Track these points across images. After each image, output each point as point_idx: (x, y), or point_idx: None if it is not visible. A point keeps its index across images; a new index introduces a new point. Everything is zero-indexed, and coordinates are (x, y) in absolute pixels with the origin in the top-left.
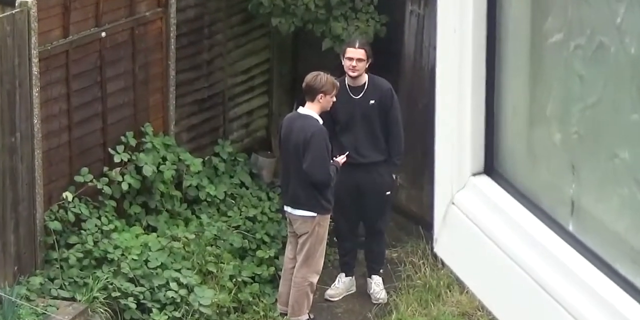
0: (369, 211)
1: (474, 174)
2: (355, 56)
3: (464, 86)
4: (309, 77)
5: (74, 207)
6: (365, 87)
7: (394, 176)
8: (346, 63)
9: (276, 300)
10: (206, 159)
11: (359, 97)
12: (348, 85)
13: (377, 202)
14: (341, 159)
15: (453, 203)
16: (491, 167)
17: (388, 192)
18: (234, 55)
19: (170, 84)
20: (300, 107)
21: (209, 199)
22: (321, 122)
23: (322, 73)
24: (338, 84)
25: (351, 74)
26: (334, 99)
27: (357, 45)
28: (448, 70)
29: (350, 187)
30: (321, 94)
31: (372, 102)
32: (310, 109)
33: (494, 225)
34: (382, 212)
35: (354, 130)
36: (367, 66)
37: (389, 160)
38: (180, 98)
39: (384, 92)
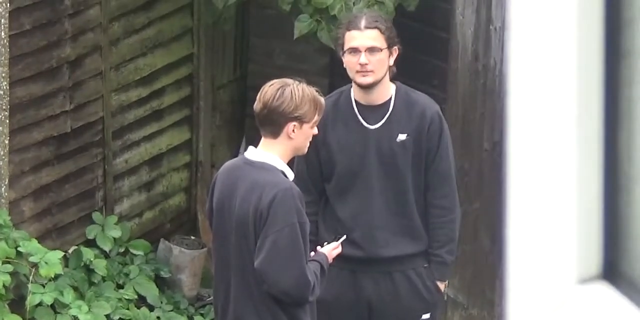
0: None
1: (583, 281)
2: (363, 44)
3: (562, 111)
4: (269, 91)
5: None
6: (391, 107)
7: (439, 284)
8: (349, 61)
9: None
10: (70, 251)
11: (376, 126)
12: (356, 102)
13: None
14: (332, 249)
15: None
16: (614, 267)
17: (426, 315)
18: (124, 47)
19: None
20: (251, 148)
21: None
22: (291, 176)
23: (291, 81)
24: (323, 101)
25: (360, 80)
26: (316, 132)
27: (363, 24)
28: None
29: (353, 304)
30: (294, 124)
31: (401, 137)
32: (270, 152)
33: None
34: None
35: (362, 193)
36: (390, 65)
37: (430, 254)
38: (19, 133)
39: (426, 118)
